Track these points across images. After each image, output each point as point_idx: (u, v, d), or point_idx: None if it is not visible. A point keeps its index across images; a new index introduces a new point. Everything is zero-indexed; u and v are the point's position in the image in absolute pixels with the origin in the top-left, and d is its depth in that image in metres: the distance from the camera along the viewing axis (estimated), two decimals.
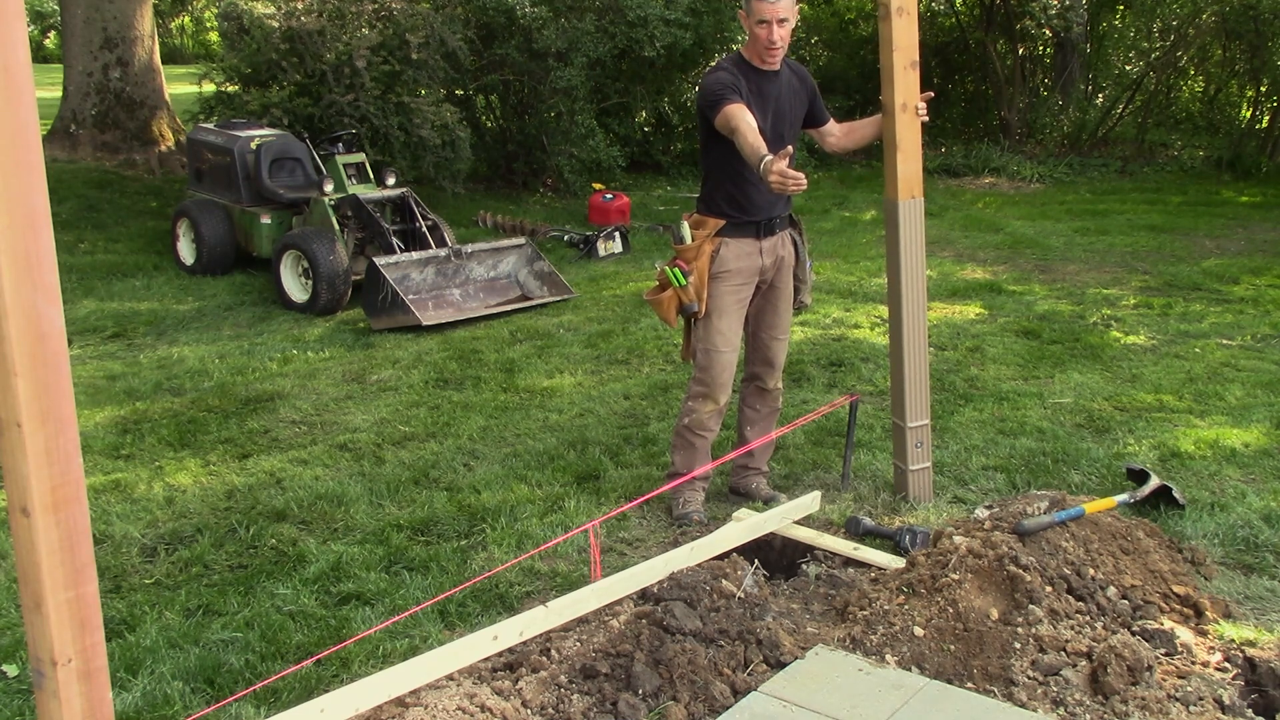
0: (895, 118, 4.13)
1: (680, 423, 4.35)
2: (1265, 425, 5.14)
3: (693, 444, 4.33)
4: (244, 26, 10.34)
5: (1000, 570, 3.25)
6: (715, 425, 4.35)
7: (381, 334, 7.12)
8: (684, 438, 4.34)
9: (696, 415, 4.29)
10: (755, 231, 4.18)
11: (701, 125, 4.17)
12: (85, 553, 2.17)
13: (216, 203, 8.75)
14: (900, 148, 4.16)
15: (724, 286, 4.17)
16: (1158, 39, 14.77)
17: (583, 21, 11.22)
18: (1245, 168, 13.15)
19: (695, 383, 4.29)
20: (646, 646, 3.10)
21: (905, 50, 4.08)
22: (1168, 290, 7.95)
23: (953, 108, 16.23)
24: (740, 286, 4.20)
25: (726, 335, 4.20)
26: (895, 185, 4.20)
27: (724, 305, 4.18)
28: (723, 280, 4.16)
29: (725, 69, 4.08)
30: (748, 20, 4.00)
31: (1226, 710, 2.93)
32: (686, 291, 4.12)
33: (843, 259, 9.08)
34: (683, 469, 4.34)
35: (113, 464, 5.02)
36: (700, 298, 4.14)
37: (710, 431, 4.34)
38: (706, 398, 4.26)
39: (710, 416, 4.30)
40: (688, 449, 4.34)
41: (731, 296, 4.19)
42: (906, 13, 4.06)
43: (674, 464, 4.40)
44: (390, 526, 4.28)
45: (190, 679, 3.26)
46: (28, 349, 2.04)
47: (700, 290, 4.14)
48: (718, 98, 3.94)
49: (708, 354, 4.22)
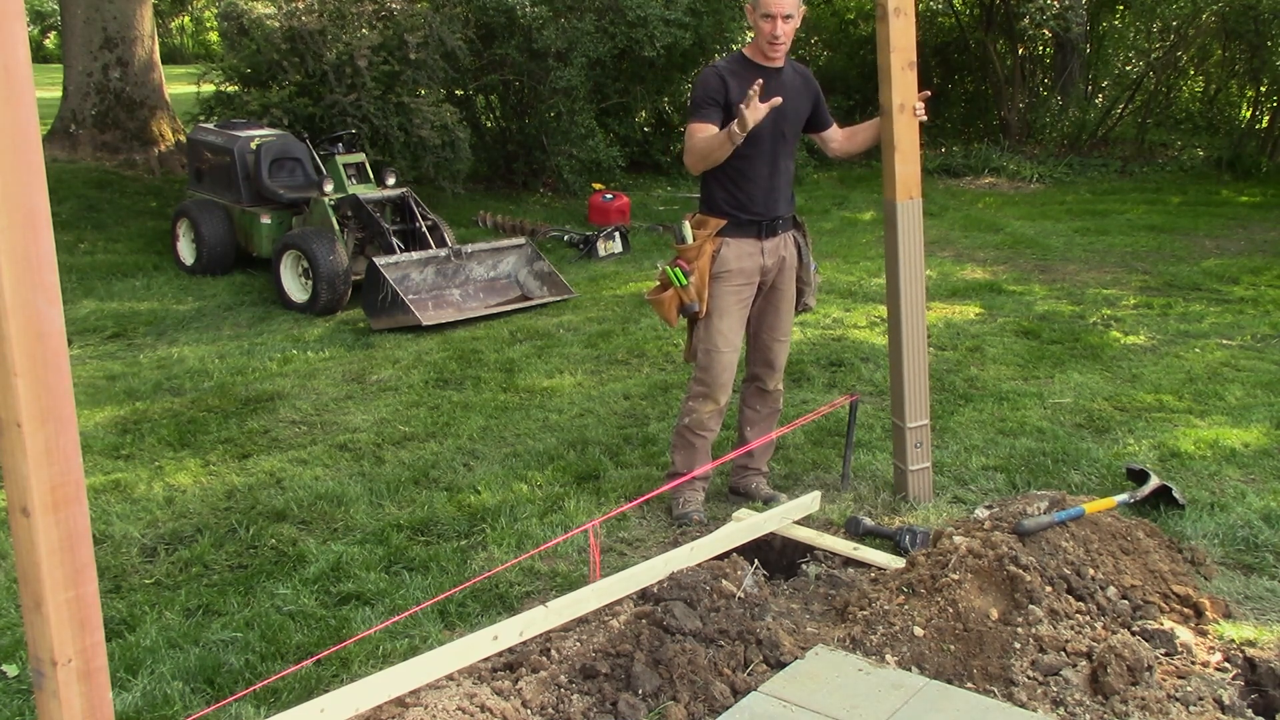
0: (893, 119, 4.13)
1: (680, 422, 4.35)
2: (1265, 425, 5.14)
3: (693, 444, 4.33)
4: (244, 27, 10.35)
5: (1000, 570, 3.25)
6: (715, 425, 4.35)
7: (381, 334, 7.12)
8: (684, 437, 4.34)
9: (697, 415, 4.29)
10: (757, 231, 4.18)
11: None
12: (85, 553, 2.17)
13: (216, 203, 8.75)
14: (898, 149, 4.16)
15: (725, 287, 4.16)
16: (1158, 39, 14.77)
17: (583, 21, 11.22)
18: (1245, 168, 13.15)
19: (695, 383, 4.28)
20: (646, 646, 3.10)
21: (903, 51, 4.08)
22: (1168, 290, 7.95)
23: (953, 108, 16.23)
24: (742, 287, 4.20)
25: (727, 335, 4.20)
26: (894, 186, 4.20)
27: (725, 305, 4.18)
28: (724, 280, 4.16)
29: (718, 71, 4.08)
30: (753, 14, 4.01)
31: (1226, 710, 2.93)
32: (688, 291, 4.12)
33: (843, 259, 9.08)
34: (683, 469, 4.35)
35: (113, 464, 5.02)
36: (701, 298, 4.14)
37: (710, 431, 4.34)
38: (707, 398, 4.26)
39: (710, 416, 4.30)
40: (688, 449, 4.34)
41: (733, 297, 4.19)
42: (904, 14, 4.06)
43: (674, 464, 4.40)
44: (390, 526, 4.28)
45: (190, 679, 3.26)
46: (28, 349, 2.04)
47: (701, 290, 4.14)
48: (696, 106, 4.05)
49: (708, 354, 4.22)
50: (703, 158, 4.02)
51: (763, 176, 4.13)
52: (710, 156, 4.00)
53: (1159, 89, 14.71)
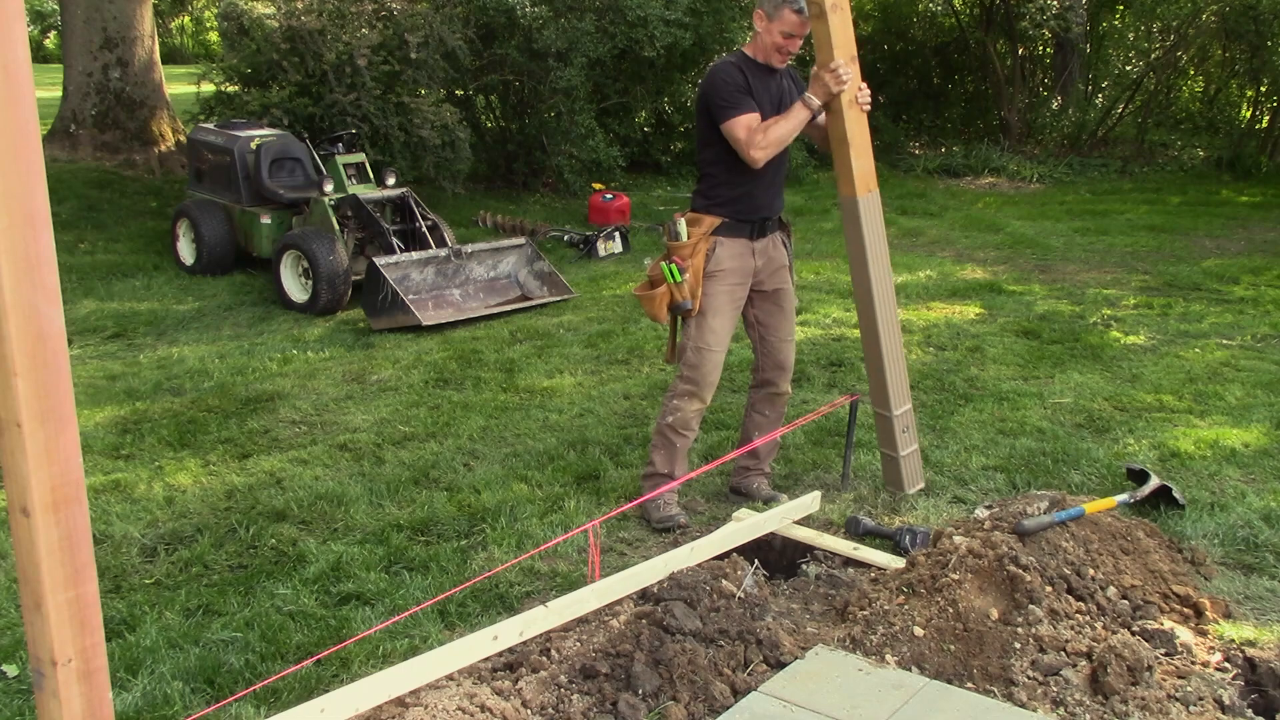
0: (844, 115, 4.09)
1: (663, 421, 4.31)
2: (1265, 425, 5.14)
3: (674, 443, 4.30)
4: (244, 27, 10.35)
5: (1000, 570, 3.25)
6: (697, 426, 4.34)
7: (381, 334, 7.12)
8: (666, 436, 4.31)
9: (681, 414, 4.26)
10: (750, 232, 4.18)
11: (702, 121, 4.17)
12: (85, 553, 2.17)
13: (216, 203, 8.75)
14: (852, 144, 4.13)
15: (719, 286, 4.16)
16: (1158, 39, 14.78)
17: (583, 21, 11.22)
18: (1245, 168, 13.16)
19: (683, 380, 4.25)
20: (646, 646, 3.10)
21: (844, 46, 4.04)
22: (1168, 290, 7.95)
23: (953, 108, 16.23)
24: (735, 286, 4.20)
25: (720, 335, 4.19)
26: (851, 182, 4.18)
27: (719, 304, 4.17)
28: (718, 279, 4.15)
29: (734, 64, 4.10)
30: (769, 25, 4.01)
31: (1226, 710, 2.93)
32: (681, 288, 4.11)
33: (843, 259, 9.06)
34: (662, 469, 4.32)
35: (113, 464, 5.02)
36: (695, 295, 4.13)
37: (692, 432, 4.33)
38: (694, 396, 4.24)
39: (695, 416, 4.29)
40: (669, 448, 4.31)
41: (726, 296, 4.18)
42: (840, 9, 4.02)
43: (653, 463, 4.36)
44: (390, 526, 4.28)
45: (190, 679, 3.26)
46: (28, 349, 2.03)
47: (695, 288, 4.13)
48: (732, 101, 4.00)
49: (699, 352, 4.20)
50: (782, 141, 4.05)
51: (768, 172, 4.14)
52: (789, 136, 4.05)
53: (1159, 89, 14.71)
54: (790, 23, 3.98)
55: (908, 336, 6.76)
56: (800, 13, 3.96)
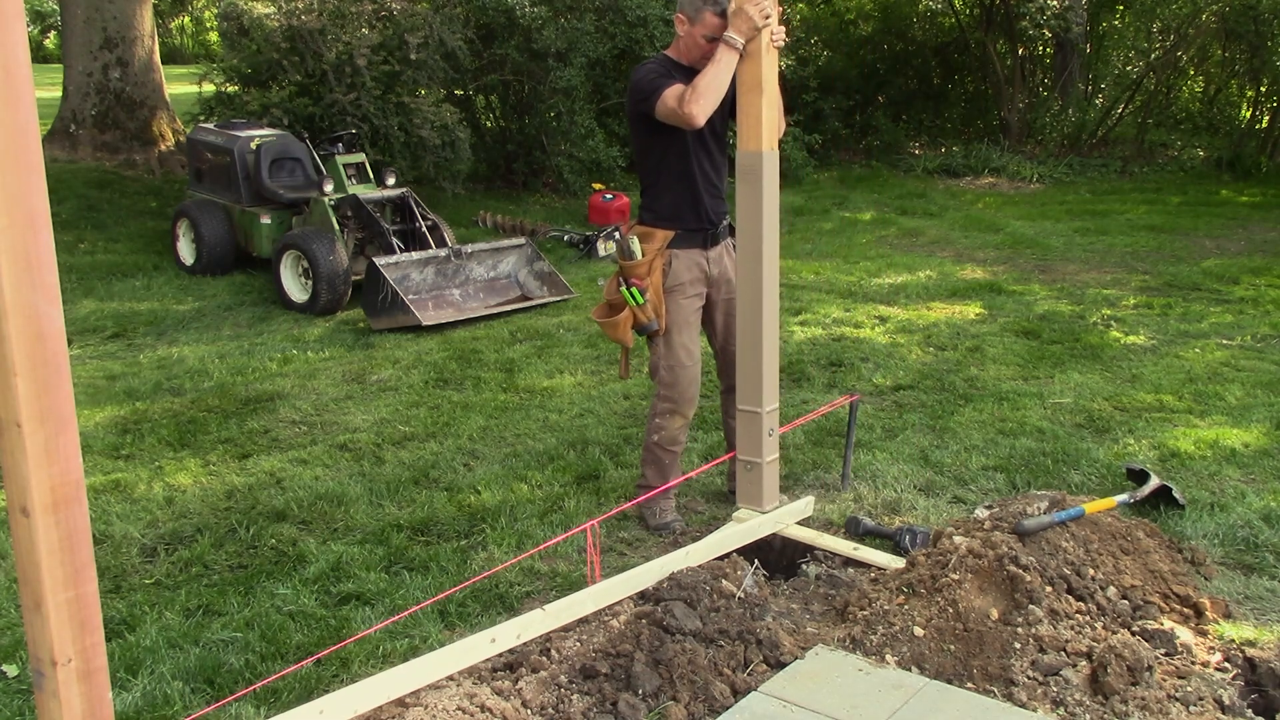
0: (761, 58, 3.75)
1: (650, 439, 4.28)
2: (1265, 425, 5.14)
3: (662, 459, 4.28)
4: (244, 27, 10.35)
5: (1000, 570, 3.25)
6: (684, 438, 4.33)
7: (381, 334, 7.12)
8: (654, 454, 4.28)
9: (667, 431, 4.24)
10: (703, 241, 4.13)
11: (637, 129, 4.09)
12: (85, 553, 2.17)
13: (216, 203, 8.75)
14: (765, 91, 3.77)
15: (680, 300, 4.11)
16: (1158, 39, 14.78)
17: (582, 21, 11.23)
18: (1245, 168, 13.16)
19: (661, 400, 4.21)
20: (646, 647, 3.10)
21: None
22: (1168, 290, 7.95)
23: (953, 108, 16.24)
24: (694, 298, 4.15)
25: (689, 348, 4.15)
26: (759, 135, 3.76)
27: (683, 319, 4.12)
28: (678, 293, 4.10)
29: (657, 64, 4.03)
30: (691, 29, 3.92)
31: (1226, 710, 2.93)
32: (645, 309, 4.03)
33: (842, 259, 9.08)
34: (655, 483, 4.30)
35: (113, 464, 5.02)
36: (660, 315, 4.07)
37: (680, 445, 4.32)
38: (674, 413, 4.21)
39: (680, 430, 4.27)
40: (658, 464, 4.29)
41: (689, 308, 4.13)
42: None
43: (645, 478, 4.34)
44: (390, 526, 4.28)
45: (190, 679, 3.26)
46: (28, 349, 2.03)
47: (658, 306, 4.06)
48: (656, 86, 3.87)
49: (673, 370, 4.14)
50: (713, 89, 3.76)
51: (704, 169, 4.07)
52: (723, 83, 3.78)
53: (1159, 89, 14.71)
54: (712, 25, 3.86)
55: (908, 336, 6.77)
56: (722, 15, 3.84)
